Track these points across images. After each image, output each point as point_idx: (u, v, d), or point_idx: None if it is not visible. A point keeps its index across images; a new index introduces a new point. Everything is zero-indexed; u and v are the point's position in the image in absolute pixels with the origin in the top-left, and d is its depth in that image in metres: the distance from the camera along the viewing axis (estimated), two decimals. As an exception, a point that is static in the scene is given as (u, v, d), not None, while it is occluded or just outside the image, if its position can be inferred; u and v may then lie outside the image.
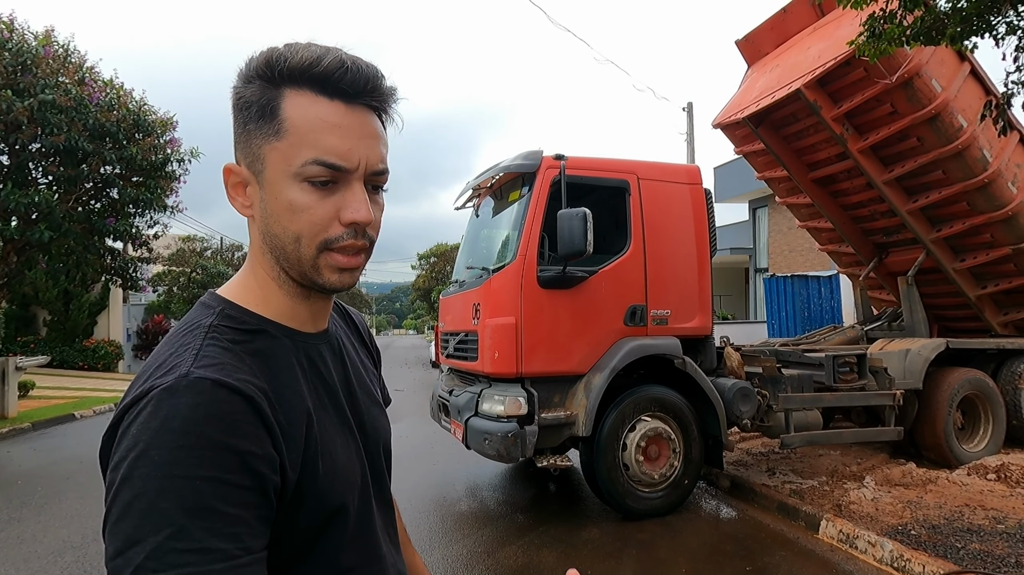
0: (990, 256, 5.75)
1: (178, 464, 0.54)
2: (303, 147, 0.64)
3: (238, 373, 0.62)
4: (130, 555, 0.52)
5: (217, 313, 0.69)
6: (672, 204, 4.85)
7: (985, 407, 5.79)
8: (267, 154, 0.66)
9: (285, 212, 0.66)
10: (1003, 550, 3.58)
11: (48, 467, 6.52)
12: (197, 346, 0.63)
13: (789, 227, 14.55)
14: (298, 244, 0.67)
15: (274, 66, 0.65)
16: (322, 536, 0.68)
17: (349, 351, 0.83)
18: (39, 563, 3.84)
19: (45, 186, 8.95)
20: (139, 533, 0.53)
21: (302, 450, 0.65)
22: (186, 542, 0.53)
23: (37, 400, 10.86)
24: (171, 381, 0.59)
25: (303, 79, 0.65)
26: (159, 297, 21.86)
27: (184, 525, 0.53)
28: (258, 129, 0.66)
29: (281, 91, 0.65)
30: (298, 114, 0.65)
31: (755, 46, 6.53)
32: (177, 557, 0.52)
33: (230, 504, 0.56)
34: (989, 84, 5.51)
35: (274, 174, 0.66)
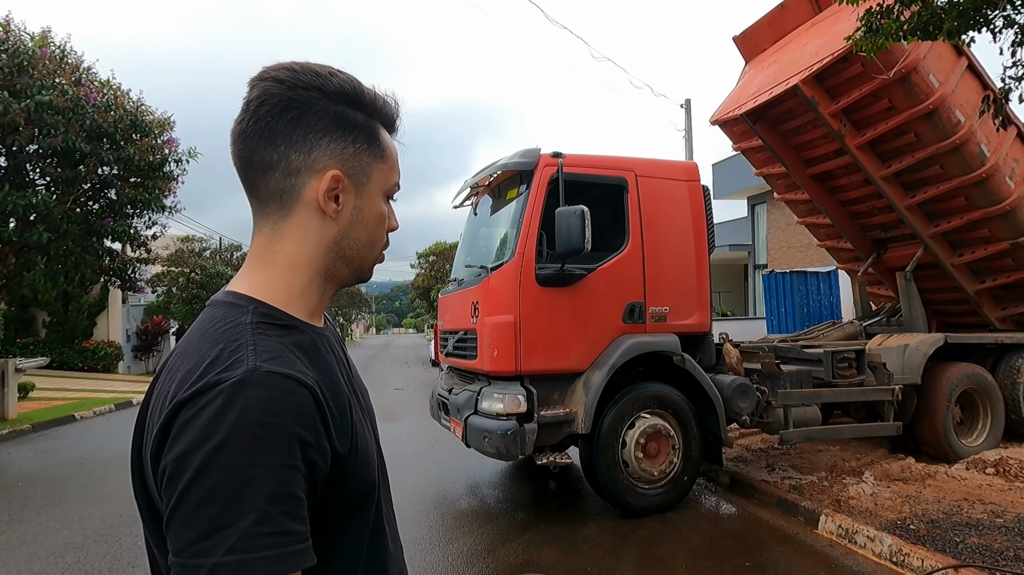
0: (988, 251, 5.75)
1: (260, 454, 0.59)
2: (393, 172, 0.82)
3: (297, 365, 0.66)
4: (219, 538, 0.56)
5: (252, 311, 0.71)
6: (670, 201, 4.85)
7: (983, 402, 5.80)
8: (374, 171, 0.79)
9: (375, 220, 0.80)
10: (1001, 544, 3.59)
11: (49, 469, 6.53)
12: (251, 340, 0.66)
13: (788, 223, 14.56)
14: (374, 247, 0.81)
15: (367, 100, 0.79)
16: (358, 512, 0.74)
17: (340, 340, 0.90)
18: (40, 564, 3.85)
19: (43, 187, 8.94)
20: (226, 518, 0.57)
21: (350, 434, 0.70)
22: (271, 526, 0.58)
23: (37, 402, 10.86)
24: (240, 375, 0.62)
25: (383, 118, 0.81)
26: (158, 298, 21.83)
27: (268, 510, 0.58)
28: (368, 151, 0.78)
29: (375, 123, 0.79)
30: (389, 145, 0.81)
31: (753, 42, 6.53)
32: (263, 540, 0.57)
33: (302, 490, 0.62)
34: (986, 79, 5.51)
35: (375, 189, 0.80)
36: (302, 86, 0.73)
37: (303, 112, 0.72)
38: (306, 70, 0.74)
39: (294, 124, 0.72)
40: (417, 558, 3.81)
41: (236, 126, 0.74)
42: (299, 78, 0.73)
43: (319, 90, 0.73)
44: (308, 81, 0.73)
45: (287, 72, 0.73)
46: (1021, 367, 5.98)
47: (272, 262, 0.75)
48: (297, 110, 0.72)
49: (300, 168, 0.73)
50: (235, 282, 0.77)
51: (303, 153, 0.73)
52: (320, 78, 0.74)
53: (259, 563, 0.56)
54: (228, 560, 0.56)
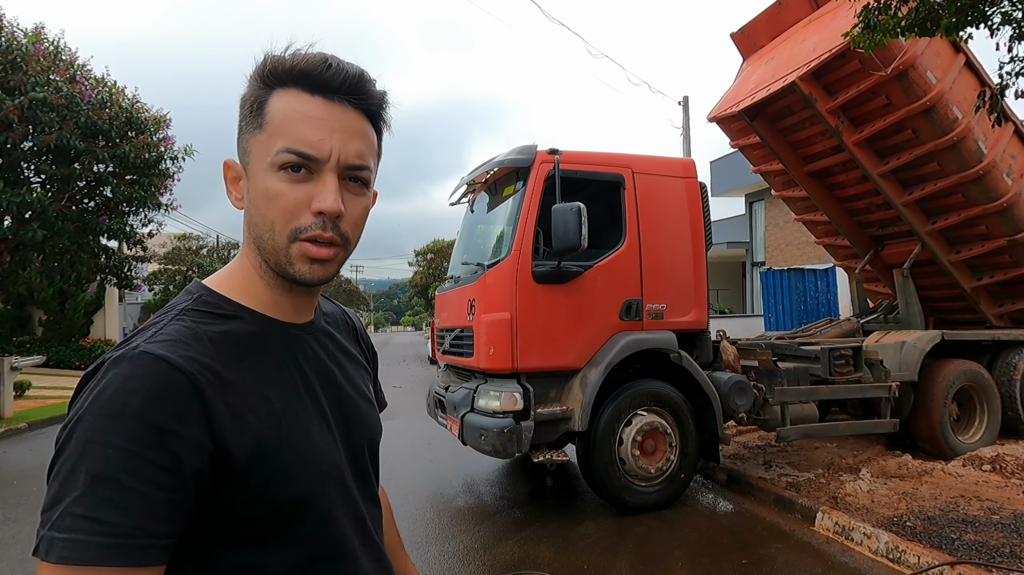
0: (985, 248, 5.75)
1: (98, 431, 0.57)
2: (279, 137, 0.68)
3: (188, 351, 0.64)
4: (52, 511, 0.56)
5: (195, 298, 0.72)
6: (667, 198, 4.84)
7: (980, 398, 5.80)
8: (252, 147, 0.70)
9: (262, 199, 0.69)
10: (998, 540, 3.59)
11: (44, 467, 6.44)
12: (161, 325, 0.67)
13: (785, 221, 14.56)
14: (272, 231, 0.69)
15: (265, 67, 0.70)
16: (288, 524, 0.68)
17: (338, 346, 0.83)
18: (35, 563, 3.83)
19: (38, 185, 8.90)
20: (60, 493, 0.57)
21: (257, 435, 0.65)
22: (83, 508, 0.55)
23: (33, 400, 10.82)
24: (119, 353, 0.62)
25: (290, 79, 0.69)
26: (155, 296, 21.81)
27: (85, 491, 0.56)
28: (248, 125, 0.71)
29: (272, 91, 0.70)
30: (279, 108, 0.69)
31: (750, 39, 6.51)
32: (72, 521, 0.55)
33: (136, 479, 0.57)
34: (984, 75, 5.50)
35: (256, 164, 0.70)
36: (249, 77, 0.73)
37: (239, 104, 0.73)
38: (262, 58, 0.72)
39: None
40: (413, 556, 3.79)
41: None
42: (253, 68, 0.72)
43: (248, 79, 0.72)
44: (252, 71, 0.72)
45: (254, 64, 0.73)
46: (1018, 364, 5.98)
47: (240, 251, 0.78)
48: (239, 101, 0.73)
49: None
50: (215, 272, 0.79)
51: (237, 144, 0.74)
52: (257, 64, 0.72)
53: (56, 544, 0.54)
54: (46, 535, 0.55)
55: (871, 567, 3.53)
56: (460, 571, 3.61)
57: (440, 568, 3.66)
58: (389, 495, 0.86)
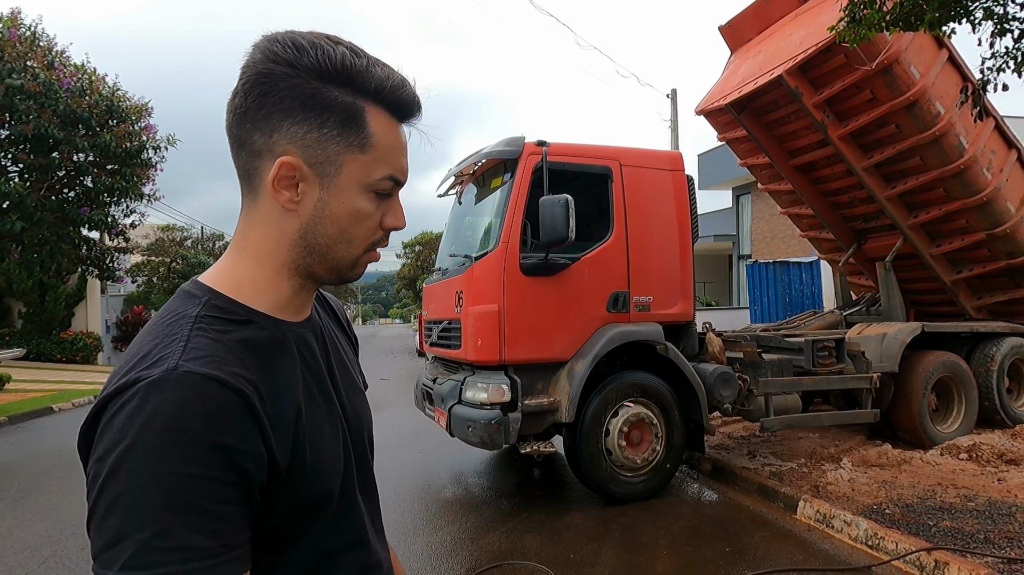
0: (965, 242, 5.85)
1: (164, 460, 0.55)
2: (383, 164, 0.70)
3: (228, 366, 0.61)
4: (119, 549, 0.53)
5: (204, 303, 0.68)
6: (654, 191, 4.85)
7: (959, 389, 5.92)
8: (346, 161, 0.69)
9: (349, 217, 0.70)
10: (973, 527, 3.68)
11: (25, 461, 6.41)
12: (185, 337, 0.62)
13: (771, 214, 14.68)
14: (350, 246, 0.72)
15: (359, 78, 0.68)
16: (309, 523, 0.69)
17: (332, 338, 0.84)
18: (16, 558, 3.79)
19: (16, 175, 8.70)
20: (125, 529, 0.53)
21: (292, 441, 0.65)
22: (170, 540, 0.54)
23: (13, 394, 10.65)
24: (158, 374, 0.58)
25: (381, 98, 0.69)
26: (138, 288, 21.50)
27: (169, 523, 0.54)
28: (341, 136, 0.68)
29: (363, 104, 0.68)
30: (382, 133, 0.70)
31: (738, 32, 6.53)
32: (161, 555, 0.53)
33: (215, 501, 0.57)
34: (966, 71, 5.57)
35: (348, 182, 0.69)
36: (274, 59, 0.66)
37: (270, 89, 0.66)
38: (286, 40, 0.67)
39: (260, 101, 0.67)
40: (401, 547, 3.81)
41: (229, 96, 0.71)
42: (273, 50, 0.67)
43: (290, 64, 0.66)
44: (282, 54, 0.66)
45: (266, 43, 0.67)
46: (995, 355, 6.11)
47: (243, 249, 0.72)
48: (265, 86, 0.66)
49: (261, 150, 0.68)
50: (210, 268, 0.74)
51: (265, 134, 0.67)
52: (296, 51, 0.66)
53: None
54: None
55: (851, 554, 3.60)
56: (448, 561, 3.63)
57: (428, 559, 3.67)
58: (378, 486, 0.87)
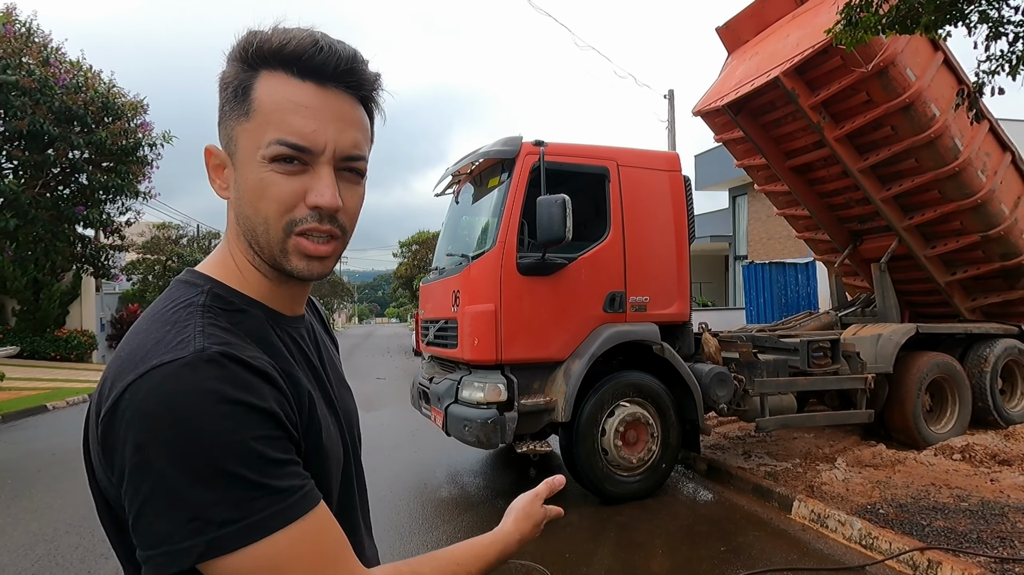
0: (960, 243, 5.88)
1: (221, 432, 0.56)
2: (269, 127, 0.64)
3: (245, 351, 0.62)
4: (210, 515, 0.55)
5: (206, 292, 0.68)
6: (651, 191, 4.87)
7: (952, 390, 5.96)
8: (239, 135, 0.66)
9: (253, 191, 0.66)
10: (966, 527, 3.70)
11: (19, 460, 6.37)
12: (199, 324, 0.63)
13: (768, 215, 14.73)
14: (267, 225, 0.66)
15: (249, 47, 0.65)
16: None
17: (320, 335, 0.85)
18: (9, 557, 3.77)
19: (10, 172, 8.66)
20: (209, 495, 0.55)
21: (307, 426, 0.67)
22: (258, 491, 0.57)
23: (7, 392, 10.57)
24: (189, 356, 0.58)
25: (277, 60, 0.65)
26: (134, 286, 21.38)
27: (250, 479, 0.56)
28: (232, 111, 0.66)
29: (257, 73, 0.65)
30: (267, 95, 0.64)
31: (735, 33, 6.55)
32: (262, 502, 0.56)
33: (278, 450, 0.60)
34: (961, 73, 5.60)
35: (244, 155, 0.66)
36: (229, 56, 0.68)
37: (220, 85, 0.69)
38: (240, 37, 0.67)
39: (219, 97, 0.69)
40: (396, 546, 3.81)
41: None
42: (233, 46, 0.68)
43: (229, 57, 0.68)
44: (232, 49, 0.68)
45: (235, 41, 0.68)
46: (988, 357, 6.15)
47: (225, 240, 0.74)
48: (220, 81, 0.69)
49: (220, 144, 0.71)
50: (204, 261, 0.75)
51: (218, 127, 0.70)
52: (236, 43, 0.67)
53: (262, 522, 0.56)
54: (228, 532, 0.55)
55: (845, 553, 3.62)
56: (443, 561, 3.63)
57: (423, 558, 3.67)
58: (373, 485, 0.88)
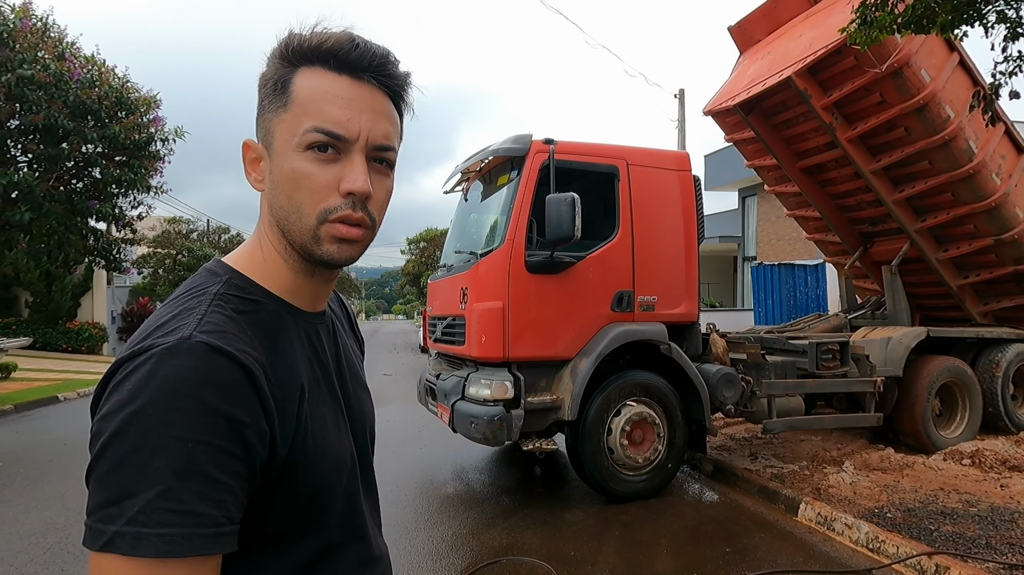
0: (972, 246, 5.82)
1: (173, 425, 0.56)
2: (306, 116, 0.67)
3: (239, 343, 0.63)
4: (124, 506, 0.54)
5: (224, 282, 0.70)
6: (661, 190, 4.85)
7: (963, 394, 5.90)
8: (276, 127, 0.69)
9: (288, 181, 0.68)
10: (974, 532, 3.67)
11: (31, 449, 6.47)
12: (202, 311, 0.64)
13: (777, 216, 14.63)
14: (300, 213, 0.68)
15: (289, 45, 0.69)
16: (309, 512, 0.69)
17: (342, 334, 0.85)
18: (21, 544, 3.83)
19: (25, 165, 8.76)
20: (132, 487, 0.54)
21: (294, 425, 0.66)
22: (173, 502, 0.55)
23: (19, 382, 10.73)
24: (172, 342, 0.59)
25: (315, 57, 0.68)
26: (144, 279, 21.60)
27: (173, 486, 0.55)
28: (271, 104, 0.70)
29: (296, 68, 0.69)
30: (305, 87, 0.68)
31: (747, 33, 6.50)
32: (163, 516, 0.54)
33: (220, 471, 0.57)
34: (977, 75, 5.54)
35: (281, 145, 0.69)
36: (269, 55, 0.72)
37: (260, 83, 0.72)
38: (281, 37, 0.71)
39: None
40: (402, 542, 3.83)
41: None
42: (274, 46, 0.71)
43: (269, 57, 0.71)
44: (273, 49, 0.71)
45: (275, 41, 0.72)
46: (1000, 361, 6.09)
47: (255, 232, 0.76)
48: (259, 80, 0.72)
49: None
50: (234, 251, 0.77)
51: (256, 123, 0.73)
52: (278, 43, 0.71)
53: (152, 539, 0.54)
54: (126, 531, 0.54)
55: (851, 556, 3.60)
56: (448, 557, 3.65)
57: (429, 553, 3.69)
58: (379, 480, 0.88)
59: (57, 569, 3.49)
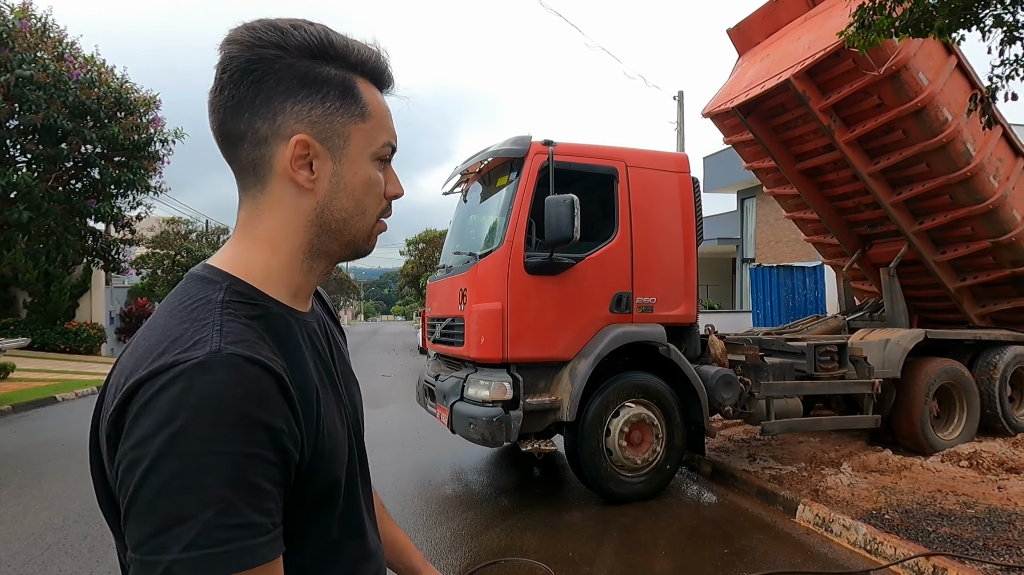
0: (970, 249, 5.84)
1: (220, 441, 0.55)
2: (381, 131, 0.74)
3: (263, 351, 0.62)
4: (177, 532, 0.53)
5: (226, 289, 0.67)
6: (660, 192, 4.86)
7: (960, 396, 5.92)
8: (351, 133, 0.71)
9: (362, 186, 0.73)
10: (972, 534, 3.68)
11: (28, 449, 6.46)
12: (218, 321, 0.62)
13: (776, 218, 14.67)
14: (364, 215, 0.74)
15: (345, 52, 0.71)
16: (321, 511, 0.70)
17: (330, 327, 0.85)
18: (19, 544, 3.82)
19: (23, 165, 8.75)
20: (185, 510, 0.53)
21: (314, 427, 0.66)
22: (234, 518, 0.54)
23: (17, 383, 10.70)
24: (202, 356, 0.57)
25: (365, 70, 0.73)
26: (143, 280, 21.57)
27: (232, 501, 0.55)
28: (343, 108, 0.71)
29: (352, 77, 0.72)
30: (373, 101, 0.73)
31: (746, 35, 6.52)
32: (226, 533, 0.54)
33: (267, 480, 0.58)
34: (974, 78, 5.56)
35: (356, 152, 0.72)
36: (260, 44, 0.67)
37: (264, 74, 0.67)
38: (266, 26, 0.67)
39: (256, 88, 0.67)
40: (400, 542, 3.83)
41: (209, 96, 0.70)
42: (257, 36, 0.67)
43: (279, 47, 0.67)
44: (267, 38, 0.67)
45: (245, 32, 0.67)
46: (998, 364, 6.10)
47: (253, 237, 0.72)
48: (257, 72, 0.67)
49: (267, 136, 0.68)
50: (217, 255, 0.73)
51: (268, 120, 0.68)
52: (280, 33, 0.67)
53: (220, 558, 0.53)
54: (187, 557, 0.52)
55: (849, 558, 3.61)
56: (447, 557, 3.65)
57: (427, 554, 3.69)
58: (378, 481, 0.88)
59: (55, 570, 3.48)
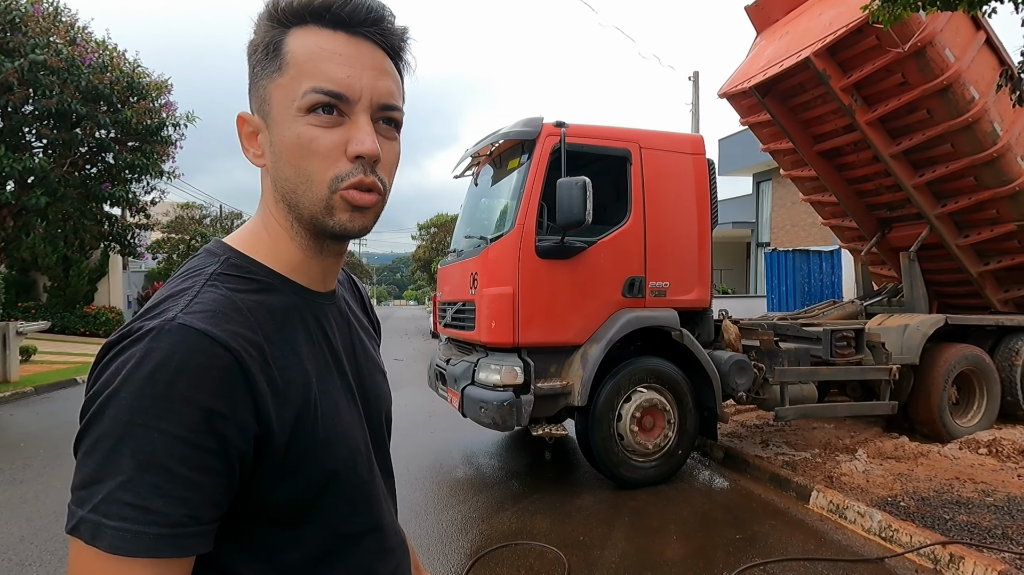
0: (994, 232, 5.69)
1: (141, 412, 0.53)
2: (303, 77, 0.62)
3: (229, 323, 0.59)
4: (92, 491, 0.53)
5: (222, 261, 0.66)
6: (674, 174, 4.77)
7: (980, 383, 5.81)
8: (272, 92, 0.64)
9: (293, 148, 0.63)
10: (990, 522, 3.62)
11: (50, 430, 6.61)
12: (194, 292, 0.61)
13: (792, 201, 14.42)
14: (310, 183, 0.63)
15: (277, 6, 0.64)
16: (321, 501, 0.66)
17: (355, 316, 0.81)
18: (41, 522, 3.91)
19: (40, 150, 8.84)
20: (100, 473, 0.53)
21: (297, 411, 0.62)
22: (131, 495, 0.52)
23: (39, 365, 10.95)
24: (156, 324, 0.57)
25: (307, 14, 0.64)
26: (159, 264, 21.86)
27: (133, 477, 0.52)
28: (263, 70, 0.65)
29: (287, 30, 0.64)
30: (299, 46, 0.63)
31: (765, 12, 6.33)
32: (120, 509, 0.52)
33: (186, 465, 0.54)
34: (1004, 54, 5.36)
35: (279, 111, 0.64)
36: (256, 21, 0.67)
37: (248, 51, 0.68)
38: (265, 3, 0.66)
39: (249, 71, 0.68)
40: (412, 525, 3.86)
41: None
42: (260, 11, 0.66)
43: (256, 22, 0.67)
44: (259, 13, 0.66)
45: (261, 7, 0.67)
46: (1020, 350, 5.97)
47: (260, 214, 0.72)
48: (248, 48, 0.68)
49: None
50: (235, 231, 0.74)
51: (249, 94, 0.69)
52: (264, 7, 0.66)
53: (107, 532, 0.52)
54: (90, 518, 0.52)
55: (863, 545, 3.58)
56: (458, 540, 3.68)
57: (438, 536, 3.72)
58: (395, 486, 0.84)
59: (76, 547, 3.56)
